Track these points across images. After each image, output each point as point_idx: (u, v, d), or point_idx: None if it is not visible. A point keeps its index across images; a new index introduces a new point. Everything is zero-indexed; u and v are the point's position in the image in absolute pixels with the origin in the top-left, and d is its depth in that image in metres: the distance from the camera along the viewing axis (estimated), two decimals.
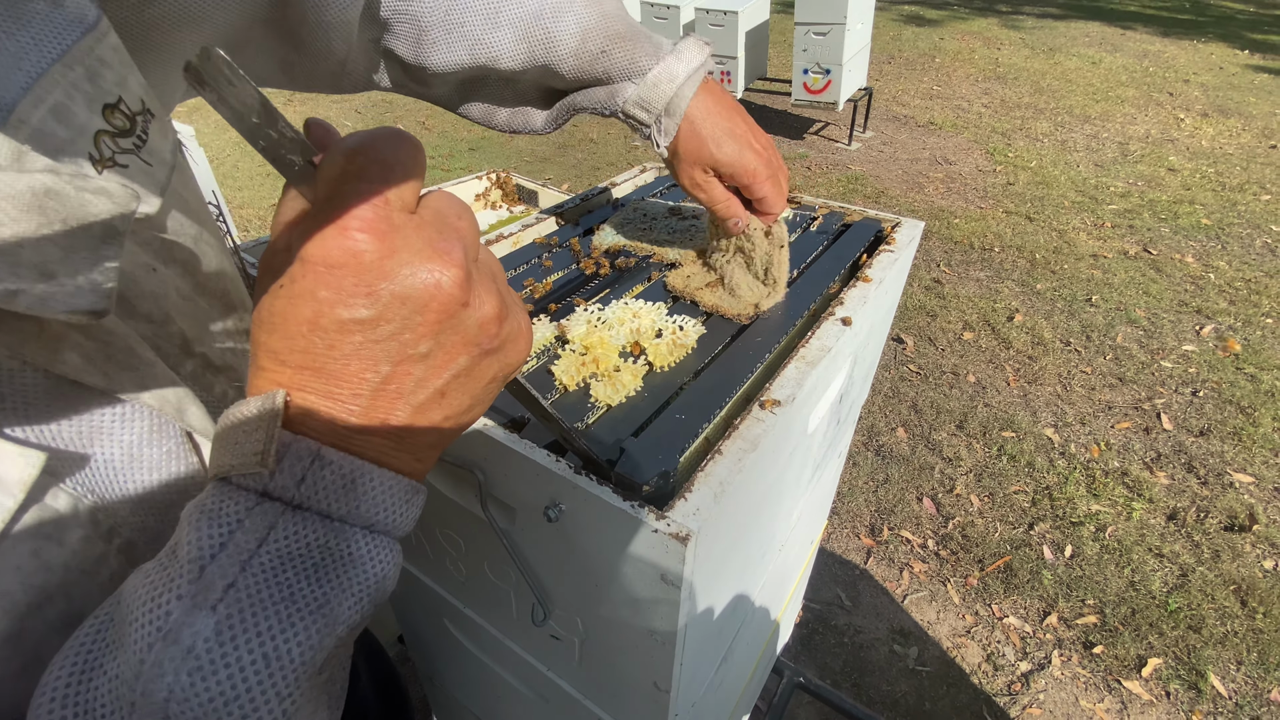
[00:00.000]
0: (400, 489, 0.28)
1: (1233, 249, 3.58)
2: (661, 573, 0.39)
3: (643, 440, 0.44)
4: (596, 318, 0.56)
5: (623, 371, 0.49)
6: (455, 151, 5.15)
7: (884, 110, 5.52)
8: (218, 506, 0.25)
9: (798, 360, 0.52)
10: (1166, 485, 2.24)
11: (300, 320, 0.25)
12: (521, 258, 0.70)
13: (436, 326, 0.27)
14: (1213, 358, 2.81)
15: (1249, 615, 1.82)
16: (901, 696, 1.68)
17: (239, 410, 0.26)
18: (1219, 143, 4.81)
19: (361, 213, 0.25)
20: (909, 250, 0.74)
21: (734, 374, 0.51)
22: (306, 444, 0.26)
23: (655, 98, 0.53)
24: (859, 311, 0.60)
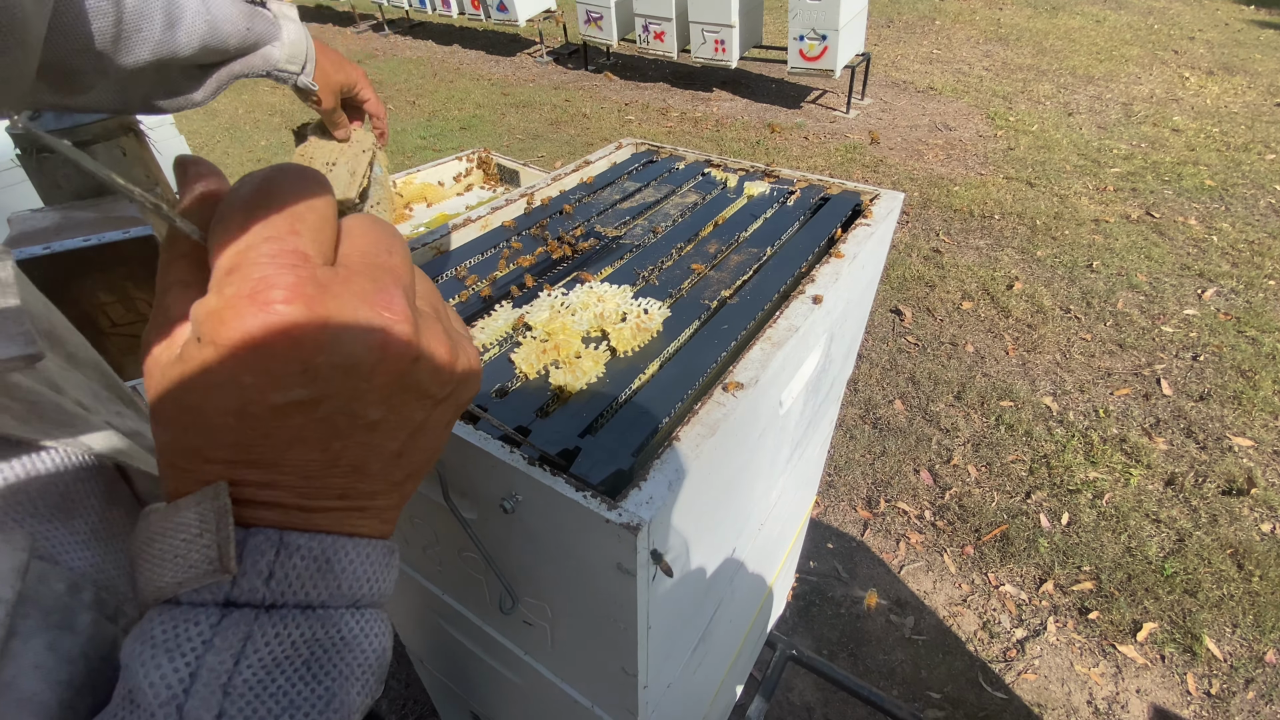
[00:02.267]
0: (376, 554, 0.26)
1: (1236, 210, 3.52)
2: (617, 562, 0.38)
3: (600, 436, 0.43)
4: (560, 303, 0.55)
5: (584, 358, 0.49)
6: (446, 131, 5.08)
7: (883, 76, 5.41)
8: (171, 635, 0.21)
9: (763, 341, 0.51)
10: (1165, 451, 2.23)
11: (223, 412, 0.22)
12: (489, 241, 0.69)
13: (386, 390, 0.24)
14: (1214, 321, 2.78)
15: (1245, 578, 1.82)
16: (898, 665, 1.70)
17: (167, 520, 0.23)
18: (1224, 101, 4.71)
19: (279, 278, 0.21)
20: (887, 223, 0.72)
21: (698, 361, 0.50)
22: (265, 535, 0.23)
23: (298, 54, 0.70)
24: (830, 289, 0.58)
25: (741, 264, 0.64)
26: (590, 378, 0.48)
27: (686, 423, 0.43)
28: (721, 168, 0.85)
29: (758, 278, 0.61)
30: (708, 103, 5.22)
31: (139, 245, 0.71)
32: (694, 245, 0.68)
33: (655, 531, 0.37)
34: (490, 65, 6.42)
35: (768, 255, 0.65)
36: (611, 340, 0.51)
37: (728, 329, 0.53)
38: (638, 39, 5.04)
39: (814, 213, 0.74)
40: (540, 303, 0.55)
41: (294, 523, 0.24)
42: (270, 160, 4.78)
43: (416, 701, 1.61)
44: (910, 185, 3.91)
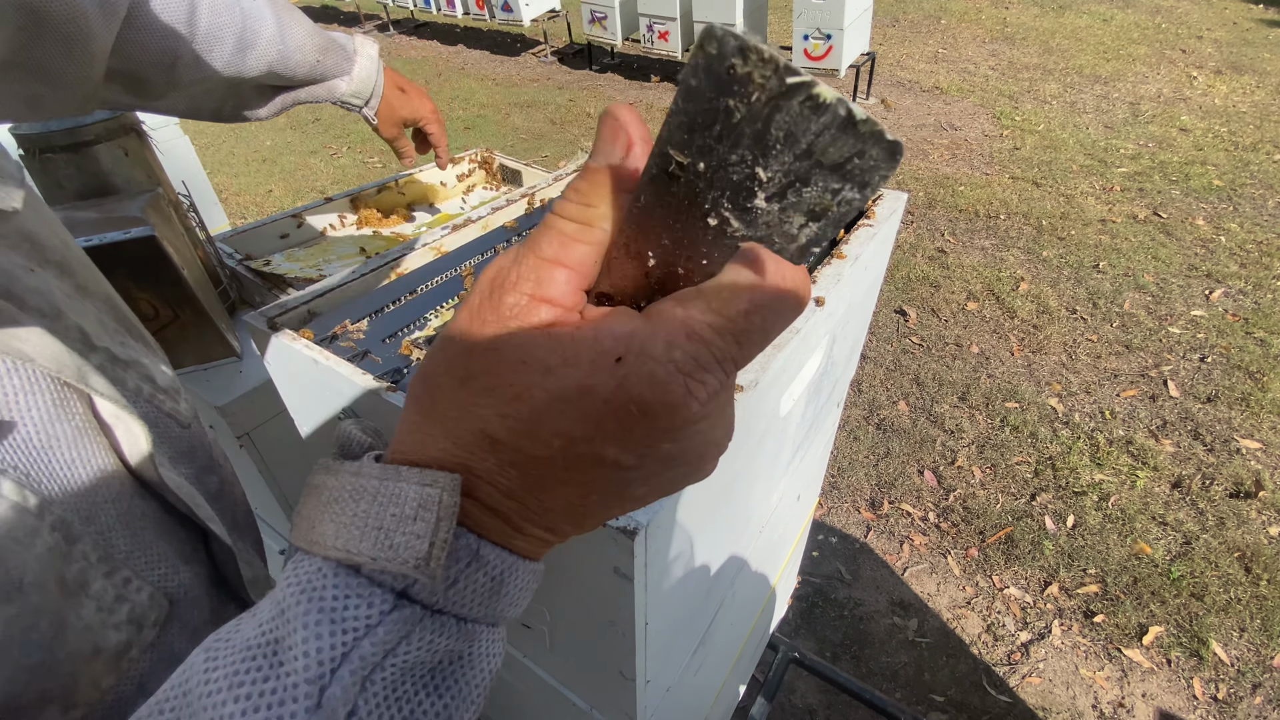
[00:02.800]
0: (535, 579, 0.25)
1: (1244, 210, 3.50)
2: (614, 566, 0.38)
3: None
4: None
5: None
6: (450, 131, 5.09)
7: (888, 75, 5.39)
8: (342, 606, 0.20)
9: None
10: (1172, 453, 2.22)
11: (558, 431, 0.21)
12: (490, 242, 0.69)
13: (668, 482, 0.24)
14: (1222, 323, 2.76)
15: (1253, 582, 1.81)
16: (901, 668, 1.70)
17: (382, 481, 0.22)
18: (1232, 101, 4.67)
19: (712, 382, 0.20)
20: (890, 223, 0.71)
21: None
22: (468, 541, 0.22)
23: (364, 89, 0.77)
24: (832, 290, 0.58)
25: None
26: None
27: None
28: None
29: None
30: None
31: (140, 245, 0.71)
32: None
33: (652, 536, 0.37)
34: (495, 65, 6.43)
35: None
36: None
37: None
38: (642, 38, 5.04)
39: None
40: None
41: (497, 536, 0.23)
42: (276, 160, 4.80)
43: None
44: (915, 185, 3.89)
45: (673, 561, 0.44)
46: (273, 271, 0.89)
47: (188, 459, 0.42)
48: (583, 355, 0.20)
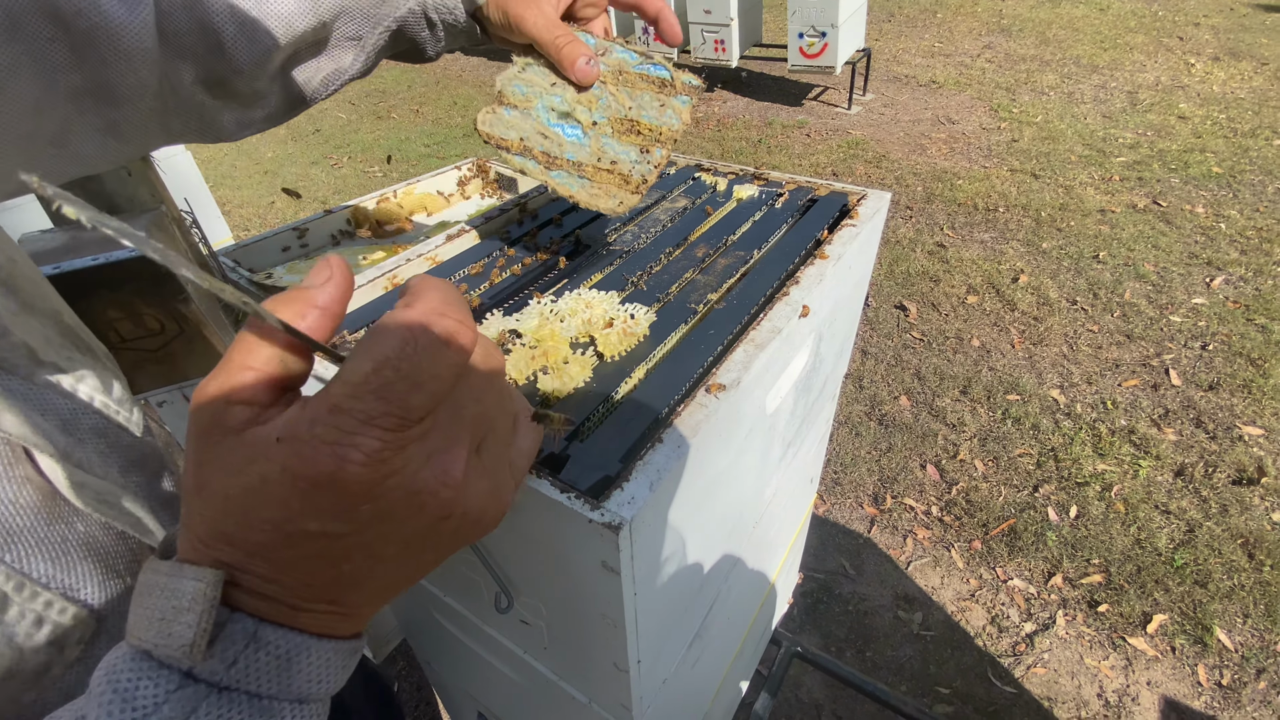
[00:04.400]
0: (340, 655, 0.27)
1: (1244, 197, 3.49)
2: (602, 560, 0.40)
3: (587, 443, 0.44)
4: (549, 310, 0.56)
5: (571, 364, 0.50)
6: (450, 138, 5.13)
7: (884, 71, 5.40)
8: (133, 686, 0.22)
9: (746, 343, 0.52)
10: (1174, 442, 2.22)
11: (263, 519, 0.23)
12: (483, 251, 0.70)
13: (412, 538, 0.26)
14: (1223, 310, 2.76)
15: (1256, 568, 1.81)
16: (906, 661, 1.71)
17: (170, 579, 0.23)
18: (1230, 87, 4.66)
19: (367, 444, 0.22)
20: (874, 222, 0.73)
21: (684, 365, 0.51)
22: (243, 625, 0.24)
23: None
24: (814, 290, 0.59)
25: (729, 268, 0.65)
26: (578, 382, 0.50)
27: (670, 424, 0.44)
28: (712, 171, 0.86)
29: (744, 282, 0.62)
30: (709, 102, 5.22)
31: (145, 262, 0.74)
32: (682, 250, 0.69)
33: (637, 530, 0.38)
34: (493, 72, 6.46)
35: (754, 259, 0.67)
36: (599, 345, 0.53)
37: (714, 334, 0.54)
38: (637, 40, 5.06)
39: (801, 215, 0.76)
40: (530, 310, 0.57)
41: (278, 617, 0.25)
42: (277, 172, 4.84)
43: (428, 704, 1.64)
44: (914, 180, 3.90)
45: (662, 557, 0.46)
46: (274, 284, 0.91)
47: (139, 467, 0.42)
48: (259, 449, 0.23)
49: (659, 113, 0.58)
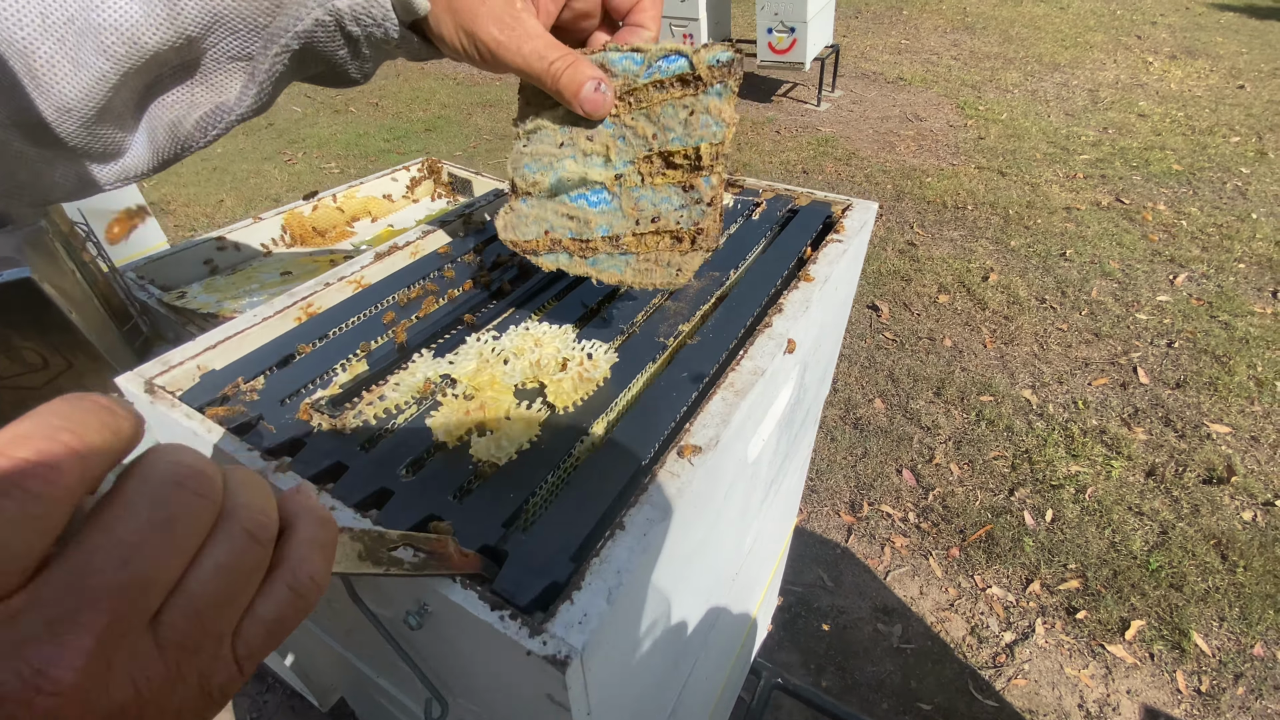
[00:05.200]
0: None
1: (1204, 194, 3.55)
2: (547, 693, 0.31)
3: (531, 534, 0.35)
4: (491, 349, 0.47)
5: (515, 420, 0.41)
6: (410, 133, 4.95)
7: (852, 67, 5.38)
8: None
9: (725, 389, 0.44)
10: (1144, 441, 2.22)
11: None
12: (418, 271, 0.61)
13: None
14: (1187, 307, 2.79)
15: (1230, 569, 1.81)
16: (887, 676, 1.66)
17: None
18: (1187, 85, 4.76)
19: (34, 658, 0.18)
20: (861, 236, 0.65)
21: (652, 420, 0.43)
22: None
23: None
24: (800, 320, 0.51)
25: (702, 292, 0.57)
26: (522, 443, 0.41)
27: (634, 502, 0.36)
28: None
29: (720, 310, 0.54)
30: None
31: (15, 289, 0.62)
32: None
33: (591, 659, 0.30)
34: (456, 63, 6.27)
35: (730, 281, 0.58)
36: (549, 394, 0.44)
37: (686, 377, 0.46)
38: None
39: (781, 228, 0.68)
40: (467, 350, 0.48)
41: None
42: (227, 169, 4.61)
43: None
44: (883, 177, 3.88)
45: (624, 666, 0.37)
46: (185, 306, 0.80)
47: None
48: None
49: (688, 127, 0.43)
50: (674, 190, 0.44)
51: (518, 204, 0.48)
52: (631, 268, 0.46)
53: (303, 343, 0.51)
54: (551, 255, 0.47)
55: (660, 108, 0.44)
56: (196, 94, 0.40)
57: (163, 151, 0.41)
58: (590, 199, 0.46)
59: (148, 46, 0.36)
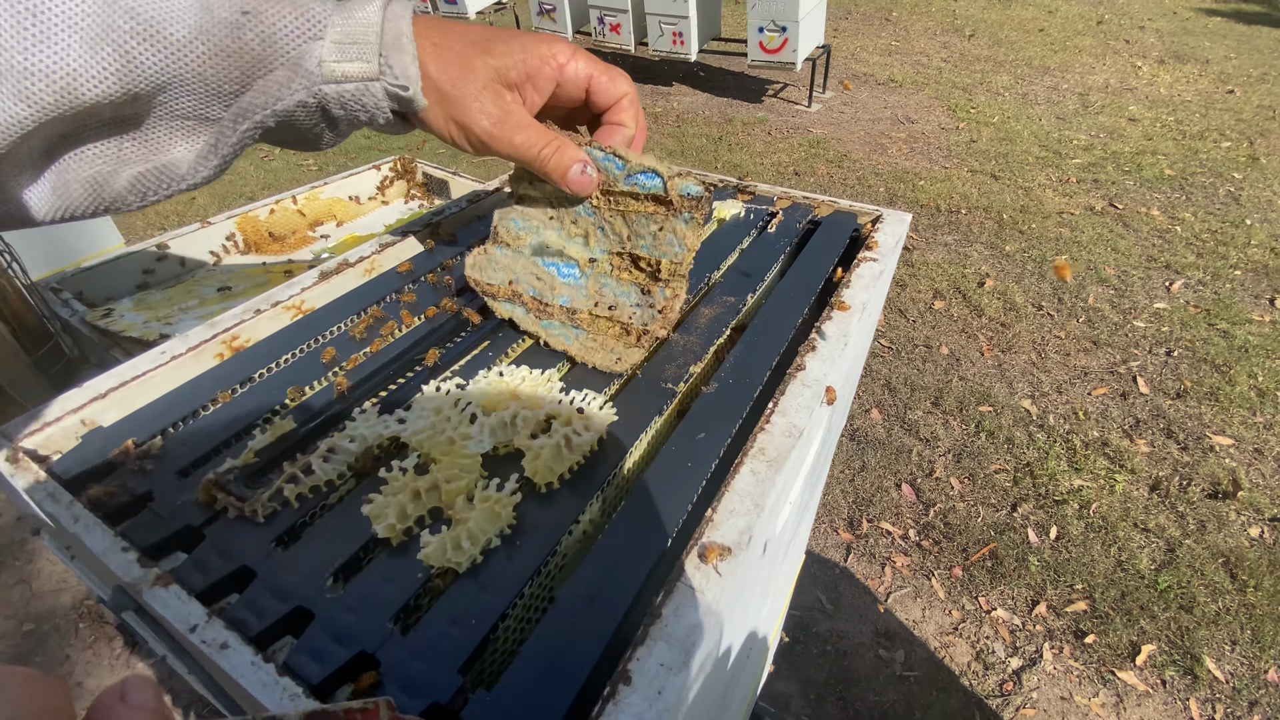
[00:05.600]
0: None
1: (1197, 199, 3.52)
2: None
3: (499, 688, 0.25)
4: (453, 402, 0.37)
5: (480, 507, 0.31)
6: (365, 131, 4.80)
7: (843, 68, 5.33)
8: None
9: (753, 459, 0.34)
10: (1147, 454, 2.16)
11: None
12: (374, 295, 0.50)
13: None
14: (1185, 315, 2.74)
15: (1239, 590, 1.75)
16: (890, 706, 1.57)
17: None
18: (1177, 90, 4.75)
19: None
20: (896, 253, 0.56)
21: (662, 506, 0.33)
22: None
23: (360, 30, 0.36)
24: (837, 359, 0.42)
25: (716, 322, 0.47)
26: (490, 538, 0.31)
27: (643, 638, 0.26)
28: None
29: (740, 346, 0.44)
30: (668, 97, 5.05)
31: None
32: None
33: None
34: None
35: (748, 307, 0.49)
36: (527, 468, 0.34)
37: (703, 439, 0.36)
38: (593, 31, 4.85)
39: (802, 243, 0.58)
40: (423, 402, 0.38)
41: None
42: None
43: None
44: (876, 180, 3.81)
45: None
46: (110, 326, 0.69)
47: None
48: None
49: (655, 240, 0.45)
50: (634, 289, 0.47)
51: (493, 250, 0.48)
52: (579, 342, 0.46)
53: (222, 389, 0.41)
54: (509, 305, 0.47)
55: (635, 215, 0.46)
56: (126, 150, 0.34)
57: (76, 207, 0.34)
58: (562, 269, 0.48)
59: (84, 99, 0.30)
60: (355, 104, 0.37)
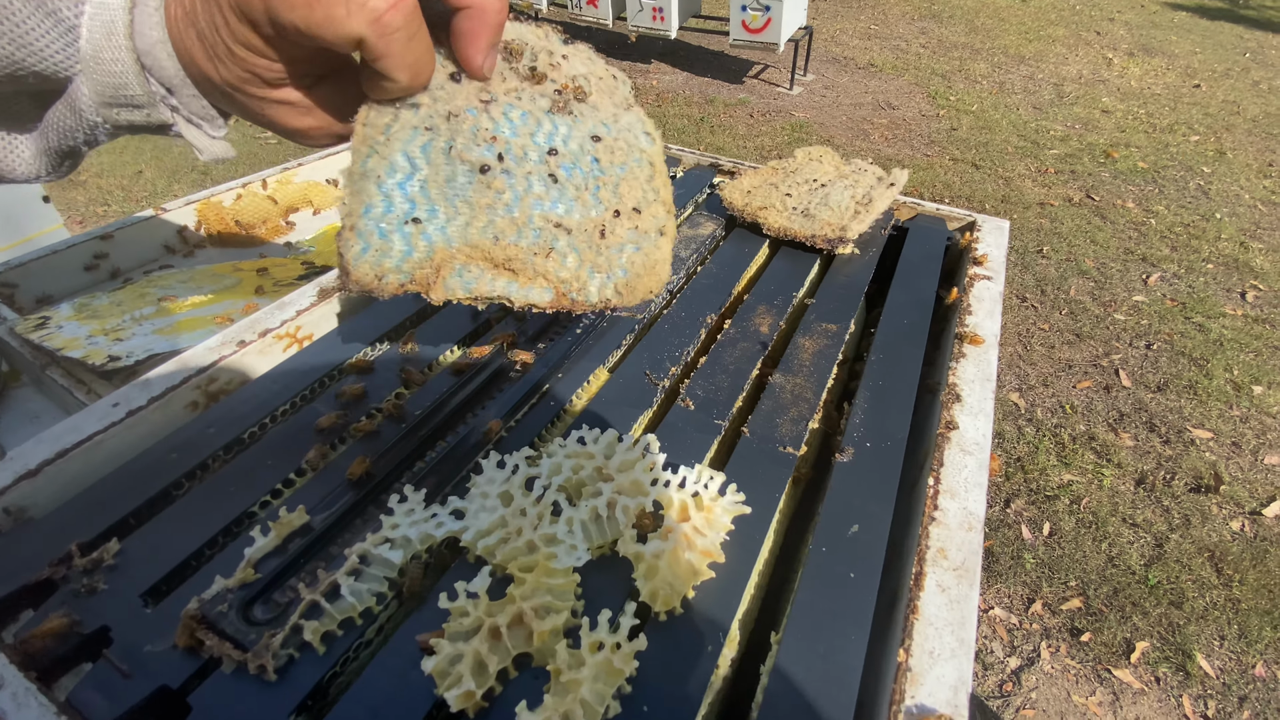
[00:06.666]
0: None
1: (1169, 192, 3.58)
2: None
3: None
4: (523, 483, 0.28)
5: (591, 664, 0.22)
6: None
7: (823, 51, 5.26)
8: None
9: (936, 566, 0.26)
10: (1132, 447, 2.18)
11: None
12: (392, 315, 0.40)
13: None
14: (1162, 308, 2.78)
15: (1225, 584, 1.78)
16: None
17: None
18: (1146, 83, 4.82)
19: None
20: (1003, 268, 0.48)
21: (832, 656, 0.24)
22: None
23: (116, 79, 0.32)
24: (988, 409, 0.34)
25: (821, 357, 0.38)
26: (606, 708, 0.22)
27: None
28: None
29: (863, 391, 0.36)
30: (647, 75, 4.91)
31: None
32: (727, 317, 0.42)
33: None
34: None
35: (850, 335, 0.40)
36: (641, 587, 0.25)
37: (861, 535, 0.28)
38: (569, 3, 4.66)
39: (891, 251, 0.50)
40: (483, 486, 0.28)
41: None
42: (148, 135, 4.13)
43: None
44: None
45: None
46: (44, 343, 0.56)
47: None
48: None
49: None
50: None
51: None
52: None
53: (199, 457, 0.30)
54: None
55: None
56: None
57: None
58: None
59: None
60: (120, 96, 0.33)
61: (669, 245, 0.31)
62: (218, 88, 0.32)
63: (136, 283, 0.75)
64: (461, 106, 0.30)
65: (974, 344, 0.38)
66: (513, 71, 0.31)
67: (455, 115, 0.30)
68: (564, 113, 0.30)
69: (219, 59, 0.31)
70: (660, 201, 0.31)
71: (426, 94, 0.31)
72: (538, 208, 0.30)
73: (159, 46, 0.31)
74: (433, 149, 0.30)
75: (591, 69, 0.32)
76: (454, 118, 0.30)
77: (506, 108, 0.30)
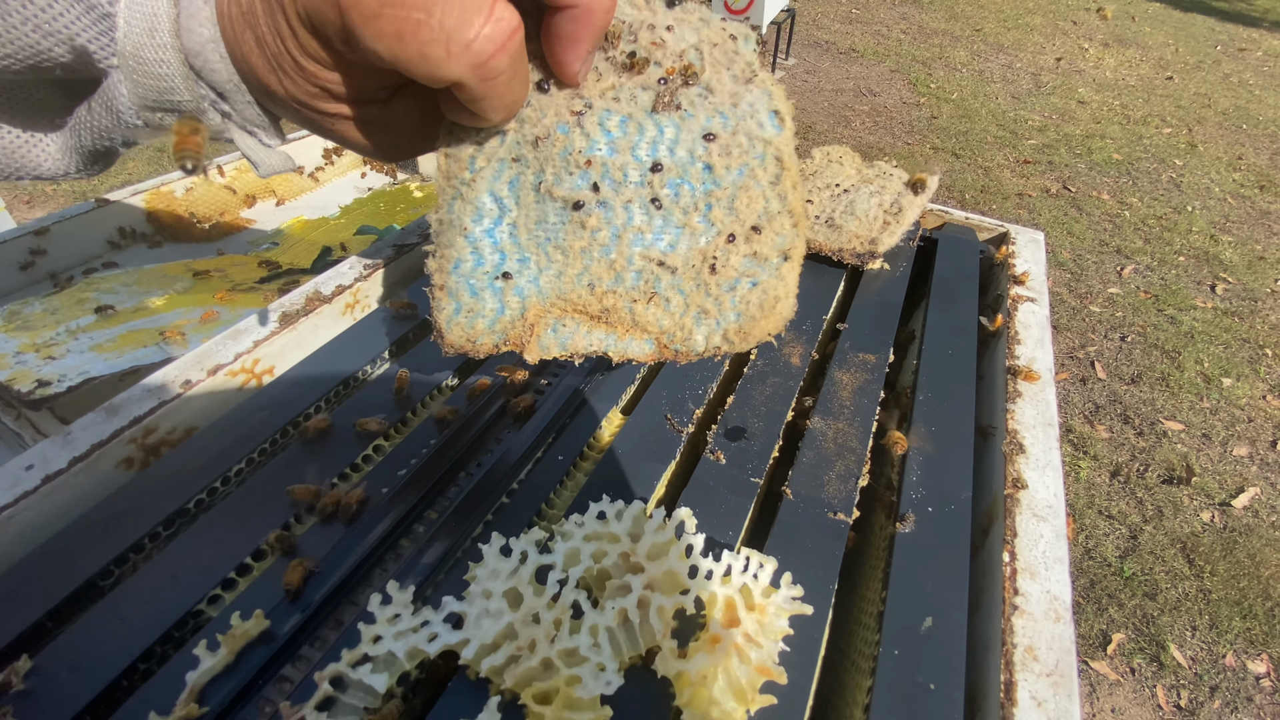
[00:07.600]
0: None
1: (1143, 184, 3.63)
2: None
3: None
4: (533, 574, 0.23)
5: None
6: None
7: (804, 35, 5.20)
8: None
9: (1026, 673, 0.22)
10: (1107, 439, 2.21)
11: None
12: (367, 350, 0.34)
13: None
14: (1136, 300, 2.82)
15: (1196, 575, 1.81)
16: None
17: None
18: (1121, 74, 4.87)
19: None
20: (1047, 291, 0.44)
21: None
22: None
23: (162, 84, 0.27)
24: (1049, 455, 0.30)
25: (863, 394, 0.34)
26: None
27: None
28: None
29: (919, 442, 0.31)
30: None
31: None
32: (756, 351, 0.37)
33: None
34: None
35: (889, 367, 0.36)
36: (685, 710, 0.20)
37: (936, 631, 0.23)
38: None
39: (922, 264, 0.46)
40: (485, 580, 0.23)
41: None
42: None
43: None
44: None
45: None
46: None
47: None
48: None
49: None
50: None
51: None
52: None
53: (130, 537, 0.25)
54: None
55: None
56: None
57: None
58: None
59: None
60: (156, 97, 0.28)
61: (795, 274, 0.27)
62: (280, 101, 0.27)
63: (75, 285, 0.67)
64: (551, 126, 0.25)
65: (1029, 380, 0.34)
66: (608, 63, 0.25)
67: (544, 139, 0.25)
68: (670, 109, 0.25)
69: (283, 72, 0.26)
70: (786, 212, 0.26)
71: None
72: (638, 244, 0.26)
73: (209, 47, 0.26)
74: (521, 184, 0.25)
75: (703, 34, 0.27)
76: (542, 141, 0.25)
77: (602, 116, 0.25)
